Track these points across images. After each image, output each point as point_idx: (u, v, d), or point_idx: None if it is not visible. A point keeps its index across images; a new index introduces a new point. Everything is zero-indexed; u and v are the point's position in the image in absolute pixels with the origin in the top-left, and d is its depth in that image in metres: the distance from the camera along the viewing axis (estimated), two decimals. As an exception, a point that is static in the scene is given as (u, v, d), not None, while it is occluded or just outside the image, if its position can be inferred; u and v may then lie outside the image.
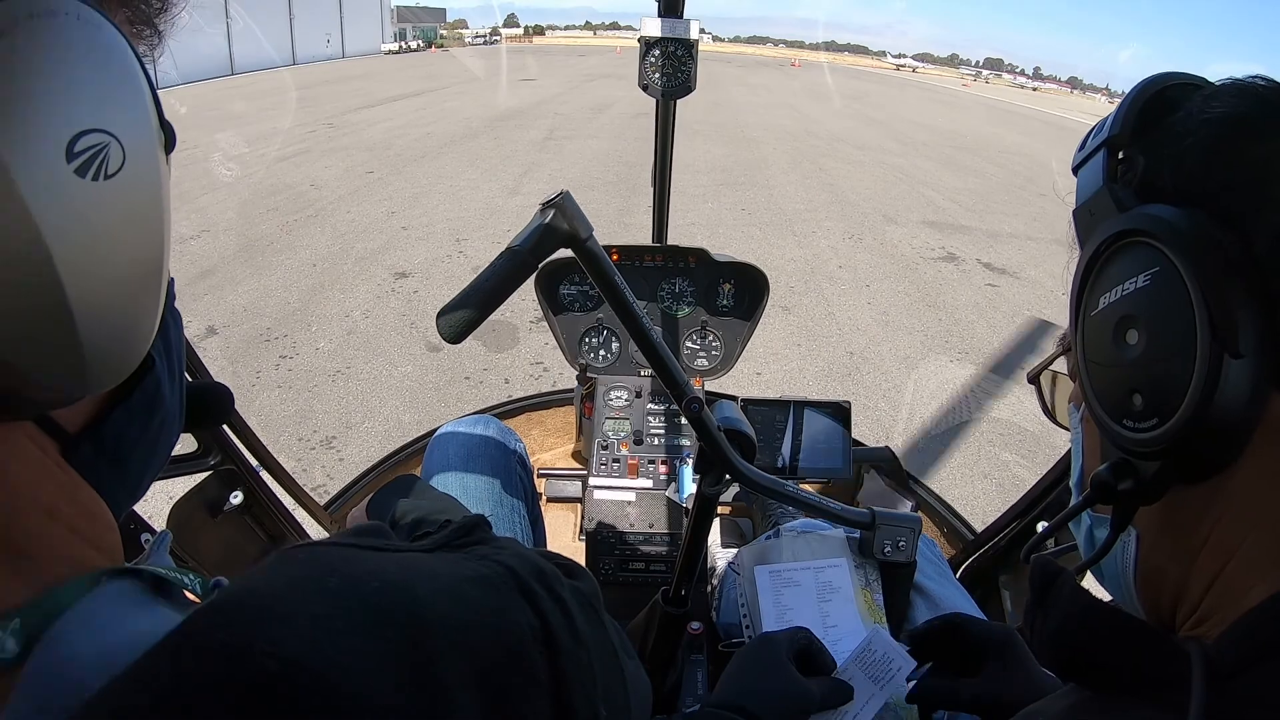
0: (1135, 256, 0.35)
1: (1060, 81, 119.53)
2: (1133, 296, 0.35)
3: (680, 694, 0.97)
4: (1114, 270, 0.36)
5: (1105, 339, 0.36)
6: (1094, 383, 0.38)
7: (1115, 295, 0.36)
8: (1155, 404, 0.33)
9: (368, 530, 0.39)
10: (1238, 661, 0.30)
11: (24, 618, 0.26)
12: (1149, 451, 0.34)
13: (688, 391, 0.76)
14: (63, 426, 0.31)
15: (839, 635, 0.89)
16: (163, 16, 0.35)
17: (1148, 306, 0.34)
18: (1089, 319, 0.38)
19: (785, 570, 0.95)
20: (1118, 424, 0.36)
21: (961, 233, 6.53)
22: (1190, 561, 0.35)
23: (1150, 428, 0.34)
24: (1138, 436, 0.34)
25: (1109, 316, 0.36)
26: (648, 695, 0.53)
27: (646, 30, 1.18)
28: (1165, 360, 0.33)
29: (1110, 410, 0.36)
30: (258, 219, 5.84)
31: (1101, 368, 0.37)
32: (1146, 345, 0.34)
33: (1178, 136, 0.35)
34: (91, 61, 0.26)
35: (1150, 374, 0.34)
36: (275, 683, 0.23)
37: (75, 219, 0.25)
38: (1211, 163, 0.34)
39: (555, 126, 11.33)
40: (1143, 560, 0.39)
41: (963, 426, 3.22)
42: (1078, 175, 0.41)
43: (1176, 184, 0.35)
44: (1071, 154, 0.43)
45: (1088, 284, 0.38)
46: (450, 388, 3.37)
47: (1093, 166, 0.40)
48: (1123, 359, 0.35)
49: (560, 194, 0.67)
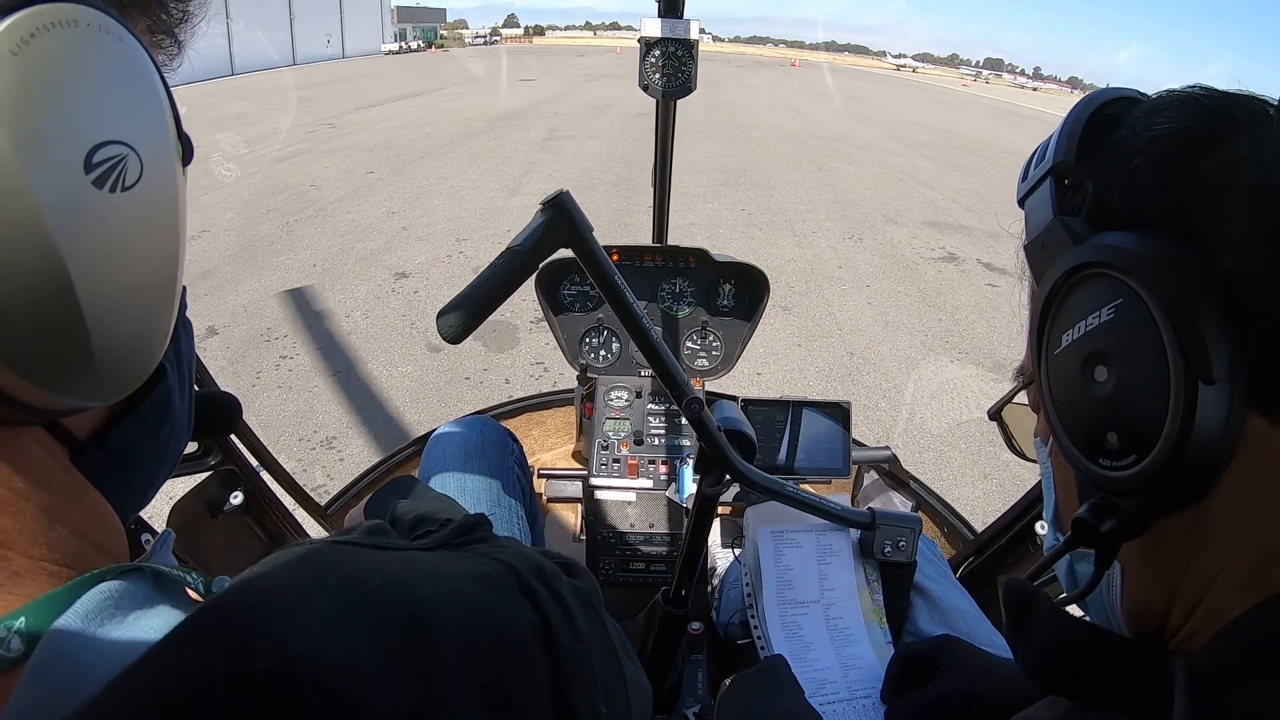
0: (1096, 290, 0.33)
1: (1060, 81, 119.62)
2: (1097, 332, 0.33)
3: (680, 694, 0.97)
4: (1074, 305, 0.35)
5: (1072, 378, 0.35)
6: (1064, 422, 0.36)
7: (1078, 332, 0.34)
8: (1132, 441, 0.32)
9: (369, 529, 0.39)
10: (1218, 674, 0.30)
11: (28, 617, 0.26)
12: (1129, 489, 0.33)
13: (688, 392, 0.76)
14: (72, 433, 0.31)
15: (834, 599, 0.91)
16: (183, 26, 0.35)
17: (1114, 341, 0.32)
18: (1052, 358, 0.37)
19: (788, 531, 0.95)
20: (1094, 463, 0.34)
21: (962, 233, 6.53)
22: (1174, 589, 0.35)
23: (1128, 465, 0.32)
24: (1116, 475, 0.33)
25: (1074, 355, 0.35)
26: (648, 697, 0.53)
27: (646, 30, 1.18)
28: (1138, 395, 0.32)
29: (1084, 449, 0.35)
30: (258, 219, 5.84)
31: (1071, 407, 0.36)
32: (1117, 382, 0.32)
33: (1125, 158, 0.34)
34: (111, 73, 0.26)
35: (1124, 411, 0.32)
36: (277, 681, 0.23)
37: (91, 230, 0.25)
38: (1163, 181, 0.32)
39: (555, 126, 11.33)
40: (1128, 591, 0.38)
41: (963, 426, 3.22)
42: (1024, 207, 0.40)
43: (1129, 207, 0.33)
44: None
45: (1048, 321, 0.37)
46: (450, 388, 3.37)
47: (1040, 197, 0.38)
48: (1093, 397, 0.34)
49: (560, 194, 0.67)
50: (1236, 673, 0.29)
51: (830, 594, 0.91)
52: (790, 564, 0.94)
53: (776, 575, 0.93)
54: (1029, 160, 0.40)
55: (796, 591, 0.92)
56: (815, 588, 0.92)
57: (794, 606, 0.91)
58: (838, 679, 0.86)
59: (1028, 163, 0.40)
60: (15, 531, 0.28)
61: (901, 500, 1.54)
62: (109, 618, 0.28)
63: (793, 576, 0.93)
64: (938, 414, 3.35)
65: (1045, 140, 0.39)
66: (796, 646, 0.88)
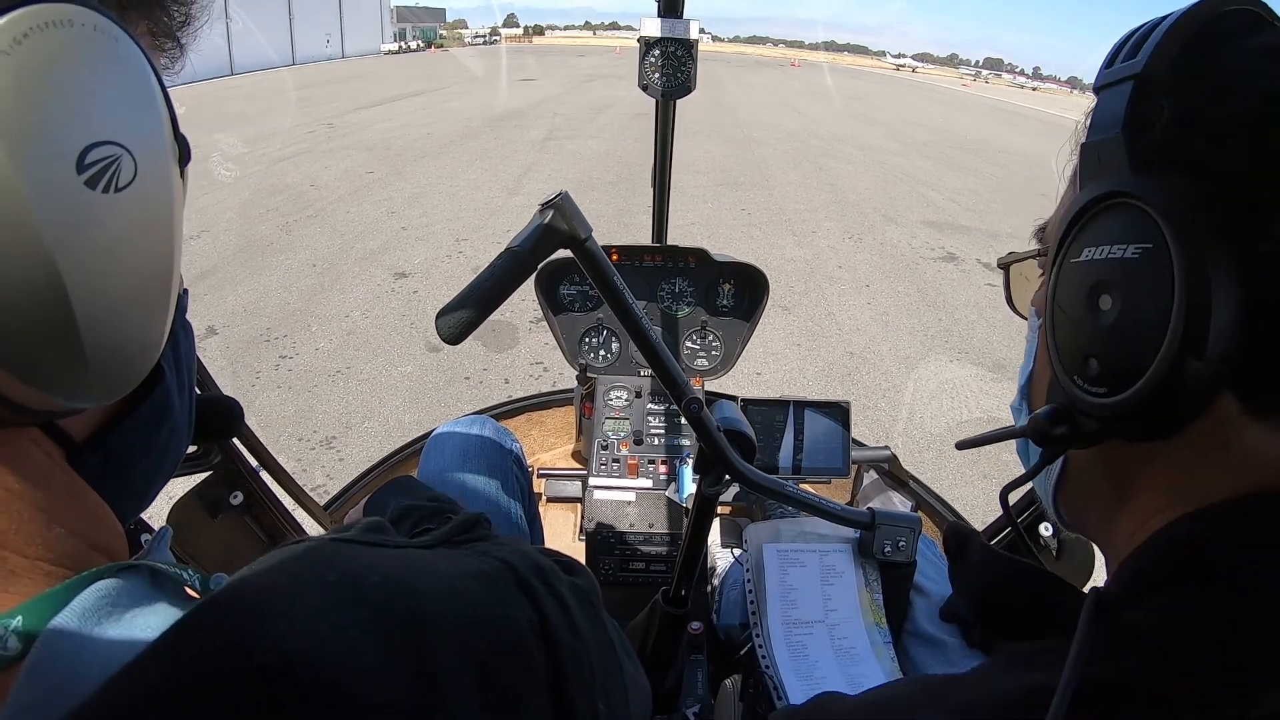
0: (1132, 223, 0.32)
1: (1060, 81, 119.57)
2: (1117, 264, 0.32)
3: (680, 694, 0.97)
4: (1106, 227, 0.33)
5: (1078, 293, 0.34)
6: (1056, 327, 0.36)
7: (1100, 254, 0.33)
8: (1109, 375, 0.32)
9: (367, 526, 0.39)
10: (1124, 596, 0.32)
11: (25, 616, 0.26)
12: (1090, 413, 0.34)
13: (687, 391, 0.76)
14: (69, 434, 0.31)
15: (838, 619, 0.90)
16: (185, 29, 0.35)
17: (1128, 280, 0.32)
18: (1068, 263, 0.36)
19: (792, 550, 0.95)
20: (1069, 375, 0.35)
21: (961, 233, 6.53)
22: (1115, 505, 0.36)
23: (1099, 394, 0.33)
24: (1084, 397, 0.34)
25: (1087, 273, 0.34)
26: (646, 696, 0.53)
27: (646, 30, 1.18)
28: (1130, 340, 0.31)
29: (1064, 360, 0.36)
30: (257, 219, 5.84)
31: (1066, 317, 0.36)
32: (1116, 318, 0.32)
33: (1225, 101, 0.29)
34: (106, 73, 0.26)
35: (1112, 347, 0.32)
36: (275, 677, 0.23)
37: (83, 230, 0.25)
38: (1261, 148, 0.29)
39: (555, 126, 11.33)
40: (1067, 479, 0.40)
41: (963, 426, 3.22)
42: (1098, 96, 0.36)
43: (1205, 157, 0.30)
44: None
45: (1076, 225, 0.36)
46: (450, 388, 3.37)
47: (1115, 99, 0.33)
48: (1089, 320, 0.34)
49: (559, 194, 0.67)
50: (1132, 596, 0.32)
51: (834, 614, 0.91)
52: (794, 583, 0.94)
53: (781, 595, 0.93)
54: (1120, 43, 0.35)
55: (801, 611, 0.92)
56: (820, 608, 0.91)
57: (799, 626, 0.91)
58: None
59: (1119, 44, 0.35)
60: (11, 531, 0.28)
61: (901, 500, 1.54)
62: (106, 616, 0.28)
63: (797, 596, 0.93)
64: (938, 414, 3.35)
65: (1142, 27, 0.34)
66: (802, 665, 0.88)
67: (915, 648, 0.91)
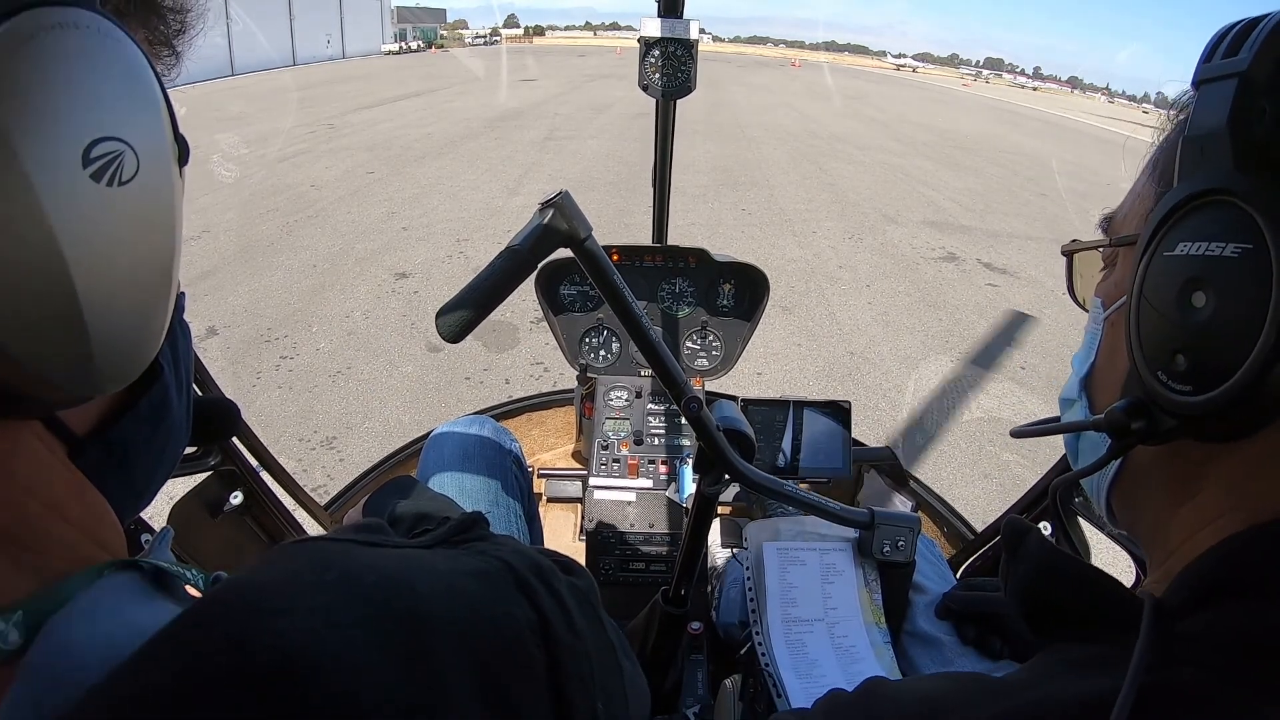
0: (1234, 223, 0.31)
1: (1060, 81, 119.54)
2: (1214, 262, 0.32)
3: (680, 694, 0.97)
4: (1205, 223, 0.33)
5: (1170, 287, 0.34)
6: (1142, 320, 0.36)
7: (1197, 250, 0.33)
8: (1196, 374, 0.32)
9: (365, 526, 0.39)
10: (1184, 604, 0.31)
11: (26, 609, 0.27)
12: (1173, 411, 0.33)
13: (687, 391, 0.76)
14: (71, 429, 0.31)
15: (838, 618, 0.90)
16: (181, 38, 0.37)
17: (1225, 280, 0.31)
18: (1160, 256, 0.35)
19: (792, 548, 0.95)
20: (1152, 372, 0.34)
21: (962, 233, 6.53)
22: (1173, 504, 0.36)
23: (1183, 392, 0.32)
24: (1166, 394, 0.33)
25: (1182, 267, 0.33)
26: (646, 696, 0.53)
27: (646, 30, 1.19)
28: (1224, 339, 0.31)
29: (1149, 355, 0.35)
30: (258, 220, 5.84)
31: (1154, 311, 0.35)
32: (1210, 317, 0.32)
33: None
34: (110, 73, 0.27)
35: (1202, 345, 0.32)
36: (274, 675, 0.23)
37: (89, 221, 0.26)
38: None
39: (555, 127, 11.34)
40: (1126, 475, 0.40)
41: (963, 426, 3.23)
42: (1198, 90, 0.35)
43: None
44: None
45: (1173, 217, 0.35)
46: (450, 388, 3.37)
47: (1218, 94, 0.33)
48: (1180, 317, 0.33)
49: (559, 194, 0.67)
50: (1192, 605, 0.31)
51: (834, 613, 0.91)
52: (794, 581, 0.94)
53: (781, 593, 0.93)
54: (1220, 34, 0.34)
55: (801, 609, 0.92)
56: (820, 606, 0.92)
57: (798, 624, 0.91)
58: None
59: (1220, 35, 0.34)
60: (13, 525, 0.28)
61: (901, 500, 1.54)
62: (107, 611, 0.28)
63: (797, 594, 0.93)
64: (938, 414, 3.35)
65: (1241, 22, 0.33)
66: (802, 663, 0.88)
67: (912, 646, 0.92)
